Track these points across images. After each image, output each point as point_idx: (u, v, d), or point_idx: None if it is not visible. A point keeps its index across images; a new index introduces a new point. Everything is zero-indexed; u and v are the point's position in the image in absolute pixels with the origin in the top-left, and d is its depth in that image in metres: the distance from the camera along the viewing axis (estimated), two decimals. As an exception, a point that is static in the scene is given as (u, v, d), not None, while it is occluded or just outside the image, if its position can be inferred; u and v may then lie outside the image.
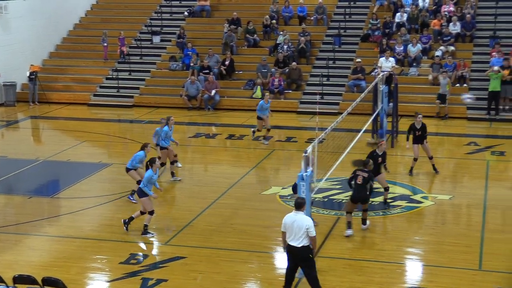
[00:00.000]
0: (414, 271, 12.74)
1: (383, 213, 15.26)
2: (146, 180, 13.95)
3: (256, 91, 26.79)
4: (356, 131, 17.87)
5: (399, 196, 16.36)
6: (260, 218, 15.12)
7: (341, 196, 16.25)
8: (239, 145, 21.92)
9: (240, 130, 23.44)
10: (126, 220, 14.26)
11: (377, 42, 28.07)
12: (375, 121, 20.73)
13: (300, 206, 10.86)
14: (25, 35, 28.99)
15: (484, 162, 19.49)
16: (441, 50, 27.04)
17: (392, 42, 27.72)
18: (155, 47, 30.61)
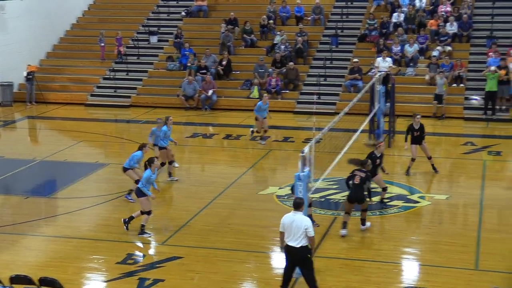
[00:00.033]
0: (410, 271, 12.76)
1: (380, 213, 15.29)
2: (145, 180, 13.95)
3: (253, 91, 26.81)
4: (353, 131, 17.89)
5: (396, 196, 16.38)
6: (257, 218, 15.14)
7: (337, 196, 16.27)
8: (236, 145, 21.93)
9: (237, 130, 23.46)
10: (126, 219, 14.26)
11: (374, 42, 28.11)
12: (372, 121, 20.75)
13: (298, 206, 10.89)
14: (22, 35, 28.98)
15: (481, 162, 19.53)
16: (438, 50, 27.07)
17: (389, 42, 27.75)
18: (152, 47, 30.61)
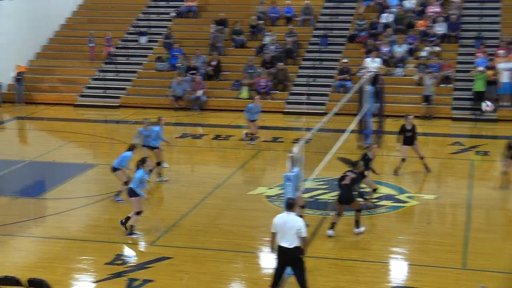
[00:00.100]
0: (399, 271, 12.81)
1: (369, 213, 15.33)
2: (138, 180, 13.88)
3: (242, 92, 26.83)
4: (342, 132, 17.95)
5: (385, 196, 16.44)
6: (246, 219, 15.16)
7: (326, 196, 16.31)
8: (225, 145, 21.94)
9: (226, 130, 23.48)
10: (123, 220, 14.18)
11: (363, 43, 28.17)
12: (361, 121, 20.81)
13: (291, 206, 10.91)
14: (11, 35, 28.87)
15: (469, 162, 19.64)
16: (426, 51, 27.19)
17: (378, 42, 27.83)
18: (142, 47, 30.58)
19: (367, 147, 16.46)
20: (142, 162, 14.08)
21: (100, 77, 28.72)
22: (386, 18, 29.06)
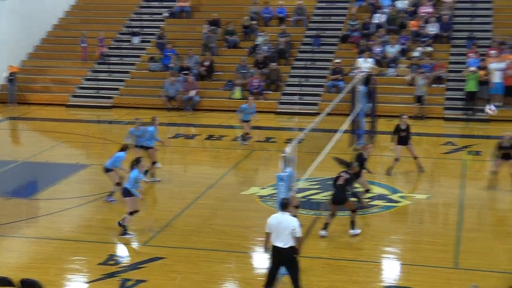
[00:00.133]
0: (391, 270, 12.85)
1: (361, 212, 15.36)
2: (133, 180, 13.87)
3: (235, 92, 26.85)
4: (335, 132, 17.98)
5: (377, 196, 16.48)
6: (239, 218, 15.18)
7: (319, 196, 16.35)
8: (218, 145, 21.96)
9: (219, 130, 23.49)
10: (120, 222, 14.12)
11: (355, 43, 28.23)
12: (353, 121, 20.84)
13: (285, 206, 10.93)
14: (4, 35, 28.81)
15: (461, 161, 19.72)
16: (419, 51, 27.26)
17: (371, 43, 27.89)
18: (135, 48, 30.56)
19: (362, 148, 16.50)
20: (136, 162, 14.08)
21: (93, 77, 28.70)
22: (379, 18, 29.13)
